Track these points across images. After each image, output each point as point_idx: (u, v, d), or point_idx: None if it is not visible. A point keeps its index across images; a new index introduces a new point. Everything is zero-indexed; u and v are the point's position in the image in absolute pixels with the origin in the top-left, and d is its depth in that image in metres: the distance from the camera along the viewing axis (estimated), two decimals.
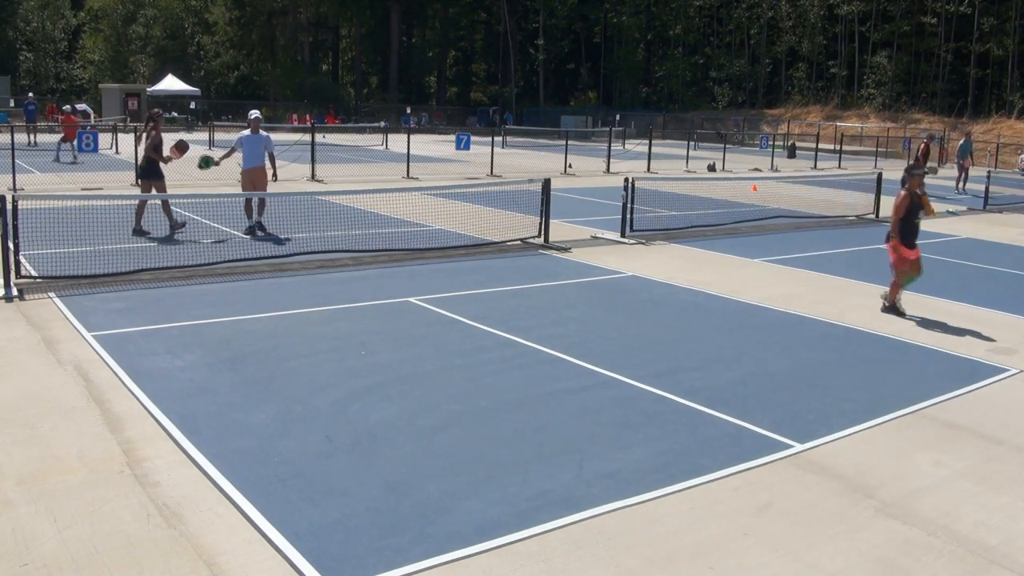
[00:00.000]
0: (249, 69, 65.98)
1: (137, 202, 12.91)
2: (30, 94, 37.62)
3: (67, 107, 30.89)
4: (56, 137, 26.43)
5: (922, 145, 25.06)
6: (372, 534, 4.31)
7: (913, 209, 9.36)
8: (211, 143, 32.12)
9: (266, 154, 13.39)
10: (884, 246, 9.71)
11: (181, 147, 13.35)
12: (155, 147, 12.92)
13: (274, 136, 18.68)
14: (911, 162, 25.09)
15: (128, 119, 38.26)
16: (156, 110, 13.81)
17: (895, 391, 6.88)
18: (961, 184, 25.55)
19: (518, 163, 28.70)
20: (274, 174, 13.85)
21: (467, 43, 73.61)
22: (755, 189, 22.34)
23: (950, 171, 28.87)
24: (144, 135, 13.40)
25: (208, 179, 20.41)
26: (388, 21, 64.13)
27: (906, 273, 9.37)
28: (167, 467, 4.98)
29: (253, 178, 13.40)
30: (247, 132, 13.50)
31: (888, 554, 4.36)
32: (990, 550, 4.44)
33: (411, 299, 9.27)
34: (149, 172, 13.03)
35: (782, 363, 7.54)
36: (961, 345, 8.28)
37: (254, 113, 13.76)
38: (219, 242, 12.30)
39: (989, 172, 22.86)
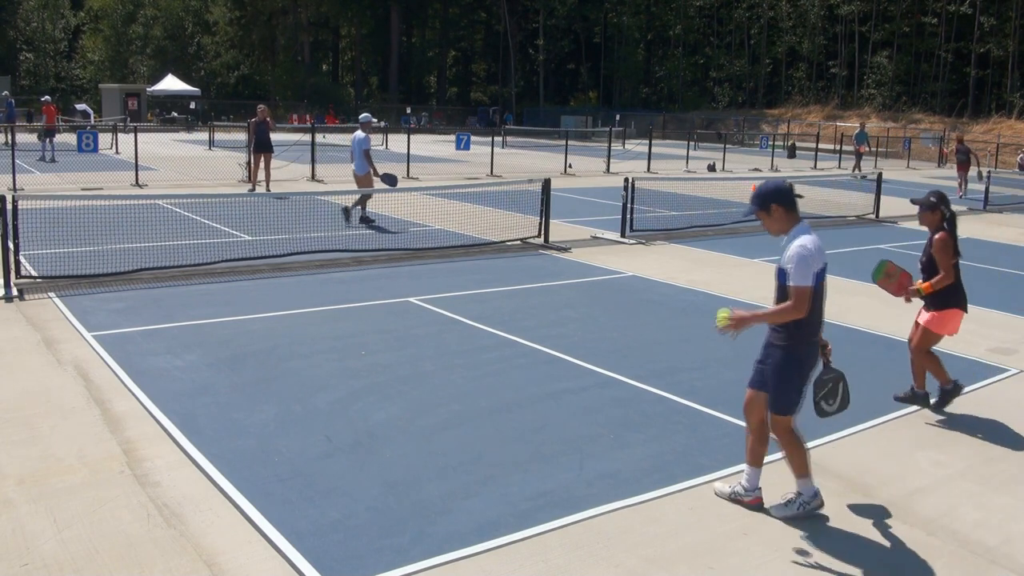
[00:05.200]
0: (249, 69, 65.91)
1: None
2: (4, 92, 36.66)
3: (45, 97, 30.64)
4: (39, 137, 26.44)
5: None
6: (372, 534, 4.31)
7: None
8: (211, 143, 32.16)
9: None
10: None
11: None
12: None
13: (274, 136, 18.80)
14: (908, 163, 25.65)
15: (128, 119, 38.21)
16: (261, 106, 18.71)
17: (895, 391, 6.87)
18: (859, 171, 28.04)
19: (518, 163, 28.71)
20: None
21: (467, 43, 73.59)
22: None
23: (949, 171, 28.86)
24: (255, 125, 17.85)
25: (209, 179, 20.42)
26: (388, 21, 64.12)
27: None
28: (167, 467, 4.98)
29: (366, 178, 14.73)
30: (364, 134, 14.62)
31: (888, 554, 4.36)
32: (990, 550, 4.44)
33: (411, 299, 9.27)
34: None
35: None
36: (961, 345, 8.27)
37: (365, 116, 15.25)
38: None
39: (989, 172, 22.86)
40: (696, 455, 5.45)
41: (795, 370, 4.58)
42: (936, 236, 6.24)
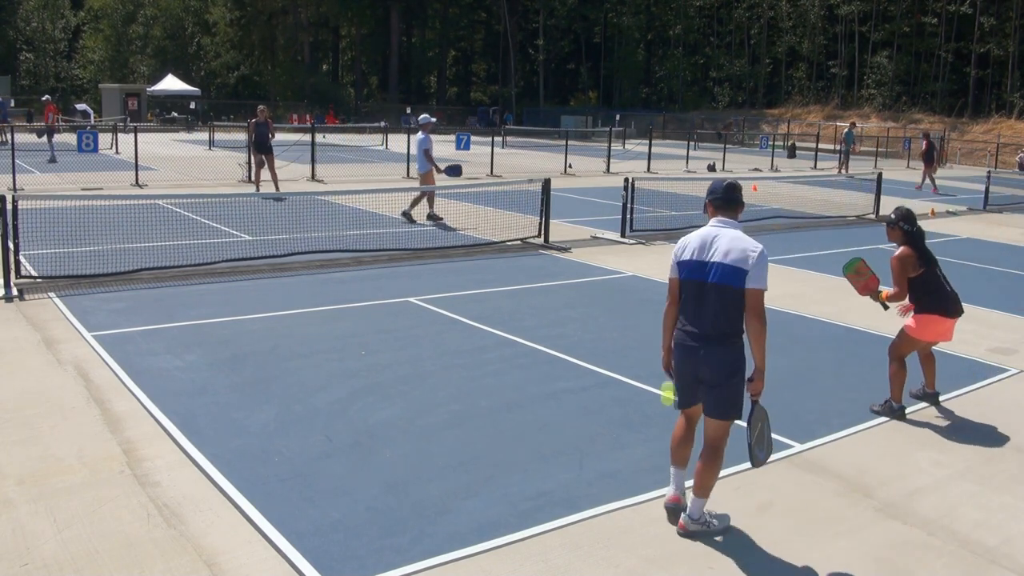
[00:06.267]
0: (249, 69, 65.92)
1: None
2: None
3: (46, 97, 30.75)
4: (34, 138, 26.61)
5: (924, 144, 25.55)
6: (372, 534, 4.31)
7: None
8: (211, 143, 32.16)
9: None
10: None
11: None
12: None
13: (274, 137, 18.81)
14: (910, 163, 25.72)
15: (128, 119, 38.19)
16: (261, 106, 18.94)
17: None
18: (845, 169, 28.79)
19: (518, 163, 28.71)
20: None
21: (467, 43, 73.55)
22: (755, 189, 22.31)
23: (949, 171, 28.87)
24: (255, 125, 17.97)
25: (209, 179, 20.42)
26: (388, 21, 64.10)
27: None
28: (167, 467, 4.98)
29: (430, 175, 15.28)
30: (423, 135, 15.28)
31: (888, 554, 4.36)
32: (990, 550, 4.44)
33: (411, 299, 9.27)
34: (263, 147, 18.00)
35: (782, 363, 7.52)
36: (961, 345, 8.27)
37: (424, 117, 15.88)
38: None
39: (989, 172, 22.85)
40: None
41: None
42: (895, 253, 6.27)
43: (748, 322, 4.27)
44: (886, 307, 6.36)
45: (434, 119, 16.14)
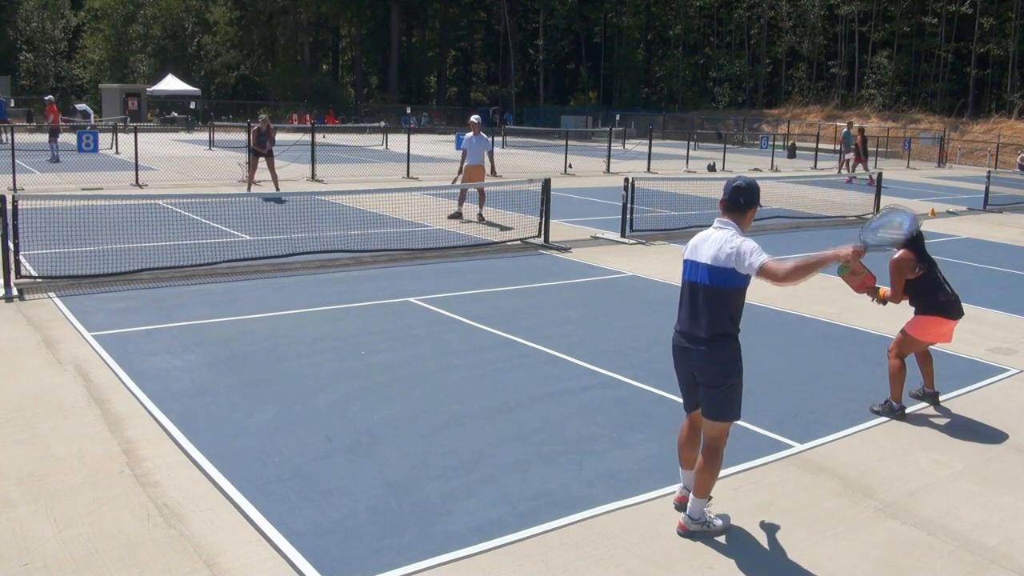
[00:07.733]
0: (249, 69, 65.94)
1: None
2: None
3: (49, 97, 30.74)
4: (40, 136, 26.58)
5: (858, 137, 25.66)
6: (372, 534, 4.31)
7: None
8: (211, 143, 32.17)
9: (485, 153, 15.45)
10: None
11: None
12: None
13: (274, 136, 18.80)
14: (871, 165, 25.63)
15: (128, 119, 38.19)
16: (263, 116, 19.38)
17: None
18: (847, 168, 27.82)
19: (518, 163, 28.69)
20: (492, 169, 16.20)
21: (467, 43, 73.59)
22: None
23: (948, 171, 28.85)
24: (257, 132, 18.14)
25: (209, 179, 20.42)
26: (388, 21, 64.12)
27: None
28: (167, 467, 4.98)
29: (473, 174, 15.32)
30: (470, 134, 15.44)
31: (888, 554, 4.36)
32: (990, 550, 4.44)
33: (411, 299, 9.27)
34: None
35: (782, 363, 7.53)
36: (961, 345, 8.26)
37: (475, 117, 16.10)
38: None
39: (989, 172, 22.86)
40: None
41: None
42: (894, 256, 6.27)
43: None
44: (883, 303, 6.36)
45: (476, 119, 15.94)
